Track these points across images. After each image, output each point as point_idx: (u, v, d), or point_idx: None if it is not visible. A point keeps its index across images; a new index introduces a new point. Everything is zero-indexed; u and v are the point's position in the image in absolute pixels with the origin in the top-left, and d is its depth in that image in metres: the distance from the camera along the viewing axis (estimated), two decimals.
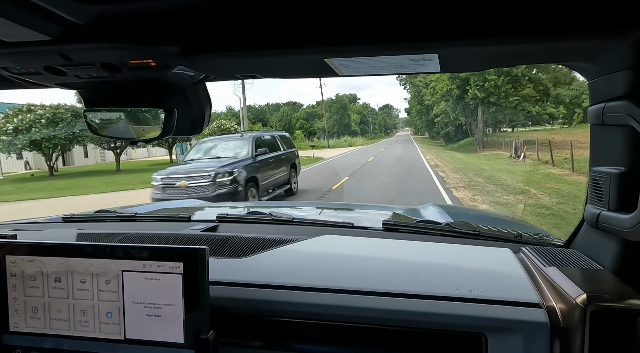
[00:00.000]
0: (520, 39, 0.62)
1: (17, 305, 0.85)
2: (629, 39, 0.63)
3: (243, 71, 0.86)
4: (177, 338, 0.79)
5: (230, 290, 0.92)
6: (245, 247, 1.13)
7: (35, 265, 0.84)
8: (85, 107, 0.96)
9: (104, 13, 0.65)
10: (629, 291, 0.77)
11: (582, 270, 0.88)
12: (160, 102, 0.92)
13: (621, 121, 0.77)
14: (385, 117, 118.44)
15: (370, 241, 1.23)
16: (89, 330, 0.83)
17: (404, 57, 0.71)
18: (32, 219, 1.71)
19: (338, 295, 0.88)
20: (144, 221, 1.57)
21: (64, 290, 0.84)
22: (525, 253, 1.07)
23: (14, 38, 0.65)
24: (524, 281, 0.90)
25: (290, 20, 0.66)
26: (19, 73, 0.81)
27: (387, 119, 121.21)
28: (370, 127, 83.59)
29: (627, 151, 0.80)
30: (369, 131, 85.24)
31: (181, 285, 0.79)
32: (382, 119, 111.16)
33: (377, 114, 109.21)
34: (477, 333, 0.80)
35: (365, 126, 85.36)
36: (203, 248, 0.78)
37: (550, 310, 0.80)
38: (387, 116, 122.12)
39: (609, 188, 0.83)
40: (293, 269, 1.00)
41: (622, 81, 0.76)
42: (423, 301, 0.84)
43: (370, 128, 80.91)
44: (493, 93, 28.56)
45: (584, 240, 1.01)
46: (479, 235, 1.27)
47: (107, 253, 0.82)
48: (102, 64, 0.76)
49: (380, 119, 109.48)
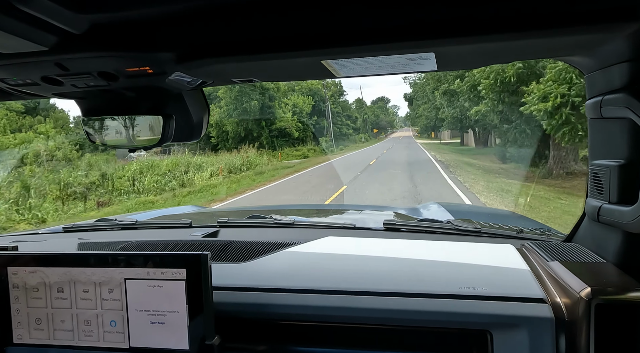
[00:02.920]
0: (516, 35, 0.62)
1: (20, 317, 0.85)
2: (624, 32, 0.64)
3: (240, 75, 0.86)
4: (182, 345, 0.79)
5: (234, 294, 0.91)
6: (247, 251, 1.13)
7: (37, 275, 0.84)
8: (83, 117, 0.96)
9: (99, 22, 0.65)
10: (633, 283, 0.77)
11: (585, 264, 0.88)
12: (158, 110, 0.92)
13: (619, 113, 0.77)
14: (379, 112, 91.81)
15: (372, 242, 1.23)
16: (93, 340, 0.82)
17: (401, 57, 0.71)
18: (33, 231, 1.71)
19: (341, 296, 0.87)
20: (145, 229, 1.56)
21: (67, 300, 0.83)
22: (528, 248, 1.07)
23: (10, 49, 0.65)
24: (527, 277, 0.89)
25: (287, 23, 0.66)
26: (15, 84, 0.81)
27: (382, 114, 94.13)
28: (328, 127, 37.12)
29: (626, 143, 0.80)
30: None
31: (184, 291, 0.79)
32: (373, 114, 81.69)
33: (368, 108, 77.15)
34: (482, 331, 0.80)
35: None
36: (205, 254, 0.78)
37: (554, 304, 0.80)
38: (381, 111, 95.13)
39: (609, 181, 0.83)
40: (296, 272, 1.00)
41: (619, 73, 0.77)
42: (427, 300, 0.84)
43: (330, 128, 36.72)
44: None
45: (585, 234, 1.01)
46: (481, 232, 1.27)
47: (110, 262, 0.82)
48: (99, 73, 0.76)
49: (372, 115, 79.38)
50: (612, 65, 0.78)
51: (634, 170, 0.79)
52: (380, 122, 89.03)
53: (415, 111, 49.93)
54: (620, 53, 0.74)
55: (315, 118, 35.63)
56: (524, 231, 1.33)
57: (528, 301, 0.81)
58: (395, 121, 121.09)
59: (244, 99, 26.96)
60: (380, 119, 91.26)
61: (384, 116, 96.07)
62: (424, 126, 49.19)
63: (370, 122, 74.15)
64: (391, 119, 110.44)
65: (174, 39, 0.70)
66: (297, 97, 33.69)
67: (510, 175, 13.68)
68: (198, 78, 0.85)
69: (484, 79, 12.96)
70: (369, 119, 72.83)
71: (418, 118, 48.71)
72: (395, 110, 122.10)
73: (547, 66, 10.35)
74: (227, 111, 27.35)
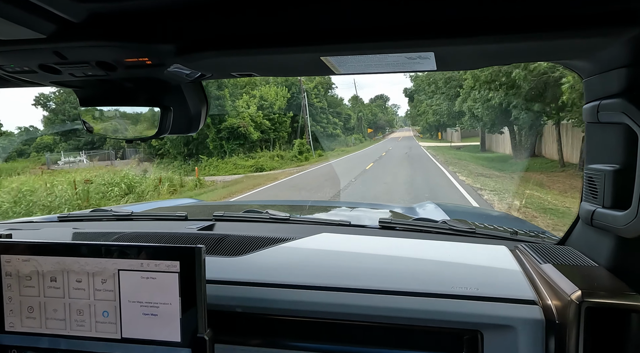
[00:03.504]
0: (516, 37, 0.62)
1: (12, 305, 0.85)
2: (623, 37, 0.64)
3: (239, 69, 0.86)
4: (174, 337, 0.79)
5: (227, 288, 0.91)
6: (241, 246, 1.13)
7: (30, 264, 0.84)
8: (80, 106, 0.96)
9: (98, 11, 0.65)
10: (624, 287, 0.78)
11: (577, 267, 0.89)
12: (156, 101, 0.92)
13: (616, 118, 0.78)
14: (377, 111, 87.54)
15: (367, 240, 1.23)
16: (85, 330, 0.82)
17: (400, 56, 0.71)
18: (28, 219, 1.70)
19: (334, 293, 0.88)
20: (140, 220, 1.56)
21: (59, 290, 0.83)
22: (521, 250, 1.08)
23: (8, 36, 0.65)
24: (519, 279, 0.90)
25: (287, 17, 0.66)
26: (13, 71, 0.81)
27: (380, 113, 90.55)
28: (305, 125, 27.89)
29: (622, 148, 0.80)
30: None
31: (178, 283, 0.79)
32: (370, 112, 77.65)
33: (364, 106, 73.05)
34: (473, 331, 0.81)
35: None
36: (199, 247, 0.78)
37: (545, 306, 0.81)
38: (379, 109, 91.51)
39: (603, 186, 0.83)
40: (289, 267, 1.00)
41: (616, 78, 0.77)
42: (419, 299, 0.84)
43: (308, 128, 27.40)
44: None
45: (579, 237, 1.02)
46: (475, 233, 1.28)
47: (103, 252, 0.81)
48: (98, 63, 0.75)
49: (369, 114, 75.35)
50: (610, 70, 0.78)
51: (628, 175, 0.79)
52: (378, 122, 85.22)
53: (417, 107, 44.38)
54: (619, 58, 0.74)
55: (290, 115, 27.27)
56: (518, 233, 1.34)
57: (519, 302, 0.81)
58: (395, 120, 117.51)
59: None
60: (379, 118, 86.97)
61: (382, 115, 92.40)
62: (427, 125, 42.75)
63: (367, 121, 68.20)
64: (390, 118, 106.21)
65: (173, 31, 0.70)
66: (269, 89, 25.60)
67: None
68: (197, 71, 0.84)
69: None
70: (366, 117, 66.03)
71: (420, 116, 42.67)
72: (395, 109, 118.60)
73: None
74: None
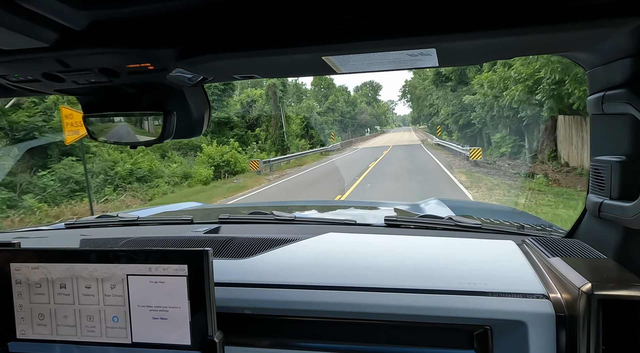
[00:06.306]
0: (517, 31, 0.61)
1: (23, 313, 0.86)
2: (626, 28, 0.63)
3: (241, 71, 0.86)
4: (184, 341, 0.79)
5: (235, 290, 0.92)
6: (248, 248, 1.14)
7: (40, 271, 0.84)
8: (84, 113, 0.96)
9: (99, 18, 0.65)
10: (633, 279, 0.77)
11: (585, 260, 0.88)
12: (159, 106, 0.92)
13: (620, 109, 0.77)
14: (362, 100, 65.18)
15: (373, 238, 1.23)
16: (96, 335, 0.83)
17: (402, 53, 0.71)
18: (35, 227, 1.71)
19: (343, 292, 0.88)
20: (146, 225, 1.57)
21: (69, 296, 0.84)
22: (529, 244, 1.07)
23: (11, 46, 0.65)
24: (528, 273, 0.90)
25: (288, 18, 0.66)
26: (17, 81, 0.81)
27: (366, 106, 67.15)
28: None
29: (627, 139, 0.80)
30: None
31: (186, 287, 0.79)
32: (351, 104, 54.97)
33: (339, 92, 50.96)
34: (482, 326, 0.81)
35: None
36: (207, 250, 0.78)
37: (555, 300, 0.80)
38: (366, 99, 70.10)
39: (610, 177, 0.83)
40: (297, 268, 1.00)
41: (620, 69, 0.76)
42: (428, 296, 0.84)
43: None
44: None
45: (586, 230, 1.01)
46: (482, 228, 1.27)
47: (111, 258, 0.82)
48: (100, 69, 0.76)
49: (347, 106, 52.99)
50: (613, 61, 0.78)
51: (635, 166, 0.79)
52: (361, 118, 59.12)
53: (421, 102, 38.29)
54: (622, 49, 0.74)
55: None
56: (525, 227, 1.33)
57: (529, 297, 0.81)
58: (388, 115, 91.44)
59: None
60: (364, 111, 62.00)
61: (370, 108, 68.56)
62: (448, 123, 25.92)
63: (347, 116, 49.07)
64: (381, 111, 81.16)
65: (174, 36, 0.70)
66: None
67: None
68: (199, 74, 0.85)
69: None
70: (341, 111, 47.07)
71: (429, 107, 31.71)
72: (392, 106, 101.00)
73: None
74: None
